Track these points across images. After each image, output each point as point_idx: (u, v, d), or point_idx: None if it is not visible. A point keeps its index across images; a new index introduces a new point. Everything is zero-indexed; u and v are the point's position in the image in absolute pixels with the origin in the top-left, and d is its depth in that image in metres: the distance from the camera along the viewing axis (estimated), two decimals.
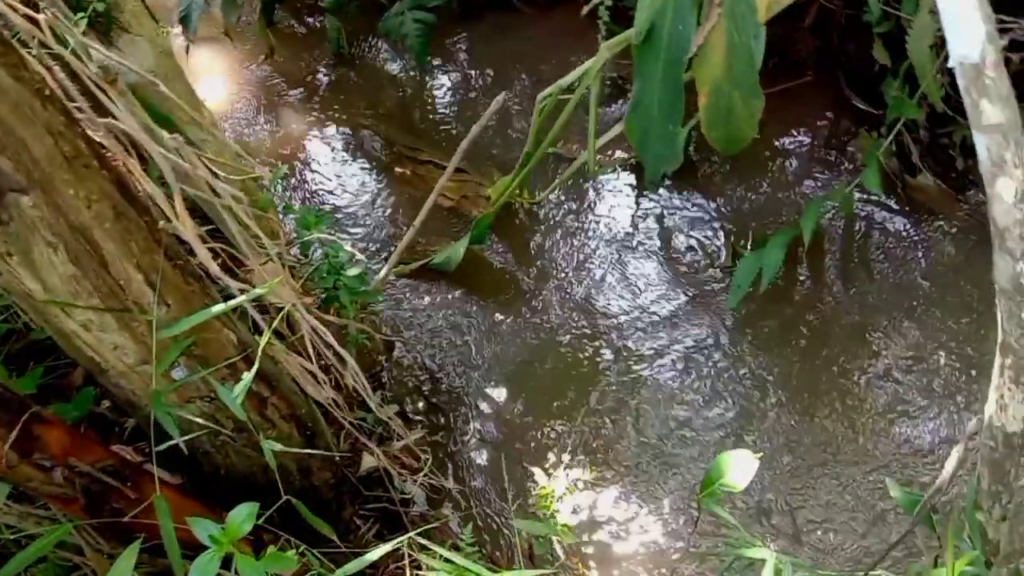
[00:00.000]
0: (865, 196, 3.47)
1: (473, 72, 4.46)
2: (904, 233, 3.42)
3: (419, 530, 1.93)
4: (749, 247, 3.44)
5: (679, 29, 2.97)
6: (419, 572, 1.76)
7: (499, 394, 3.21)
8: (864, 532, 2.67)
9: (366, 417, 2.45)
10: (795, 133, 3.81)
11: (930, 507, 1.79)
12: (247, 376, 1.63)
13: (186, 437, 1.75)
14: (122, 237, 1.64)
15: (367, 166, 4.12)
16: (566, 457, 2.94)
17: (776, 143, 3.81)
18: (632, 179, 3.85)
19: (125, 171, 1.72)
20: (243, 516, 1.53)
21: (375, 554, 1.58)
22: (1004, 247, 1.43)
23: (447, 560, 1.61)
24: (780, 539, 2.68)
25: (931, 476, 2.74)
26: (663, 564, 2.63)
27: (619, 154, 3.93)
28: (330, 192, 3.99)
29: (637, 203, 3.76)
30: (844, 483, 2.82)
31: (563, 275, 3.57)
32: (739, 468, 1.95)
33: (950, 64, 1.36)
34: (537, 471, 2.88)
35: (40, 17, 1.67)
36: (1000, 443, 1.59)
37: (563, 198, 3.83)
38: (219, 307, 1.67)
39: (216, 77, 4.53)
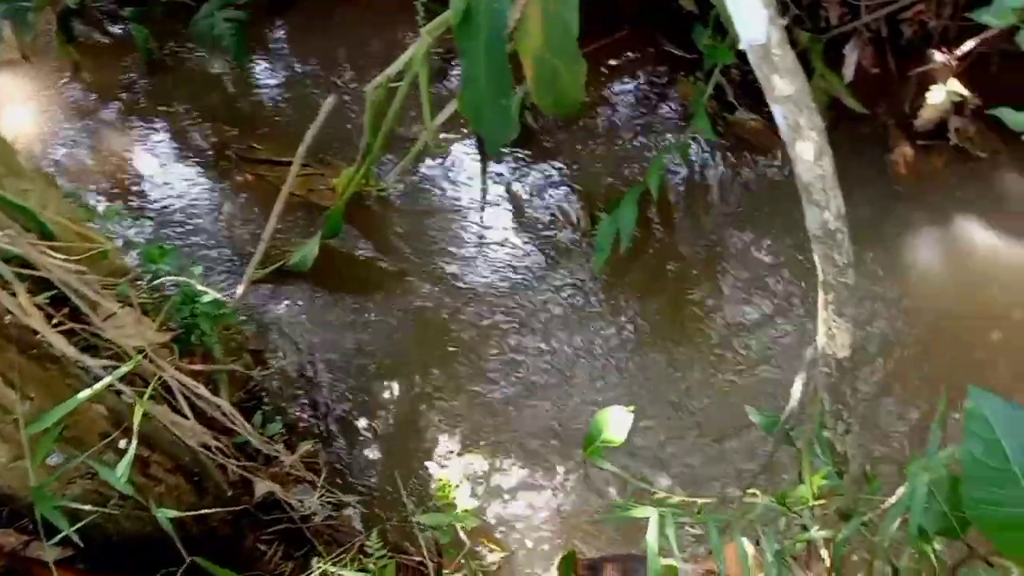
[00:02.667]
0: (696, 141, 3.66)
1: (297, 63, 4.37)
2: (733, 171, 3.64)
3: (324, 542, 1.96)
4: (604, 209, 3.56)
5: (495, 6, 3.03)
6: None
7: (380, 388, 3.24)
8: (733, 459, 2.91)
9: (248, 441, 2.44)
10: (621, 87, 3.97)
11: (787, 431, 1.98)
12: (129, 452, 1.60)
13: (76, 526, 1.70)
14: None
15: (202, 173, 3.98)
16: (456, 442, 3.02)
17: (606, 99, 3.95)
18: (479, 152, 3.90)
19: None
20: None
21: None
22: (811, 200, 1.59)
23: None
24: (662, 477, 2.88)
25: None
26: (563, 525, 2.77)
27: (461, 131, 3.97)
28: (165, 207, 3.82)
29: (485, 176, 3.82)
30: (714, 419, 3.03)
31: (424, 257, 3.60)
32: (616, 423, 2.09)
33: (741, 47, 1.49)
34: (431, 461, 2.95)
35: None
36: (834, 369, 1.79)
37: (413, 180, 3.85)
38: (84, 394, 1.62)
39: (21, 105, 4.23)
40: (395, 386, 3.26)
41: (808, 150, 1.52)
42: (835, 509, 1.88)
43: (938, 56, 3.42)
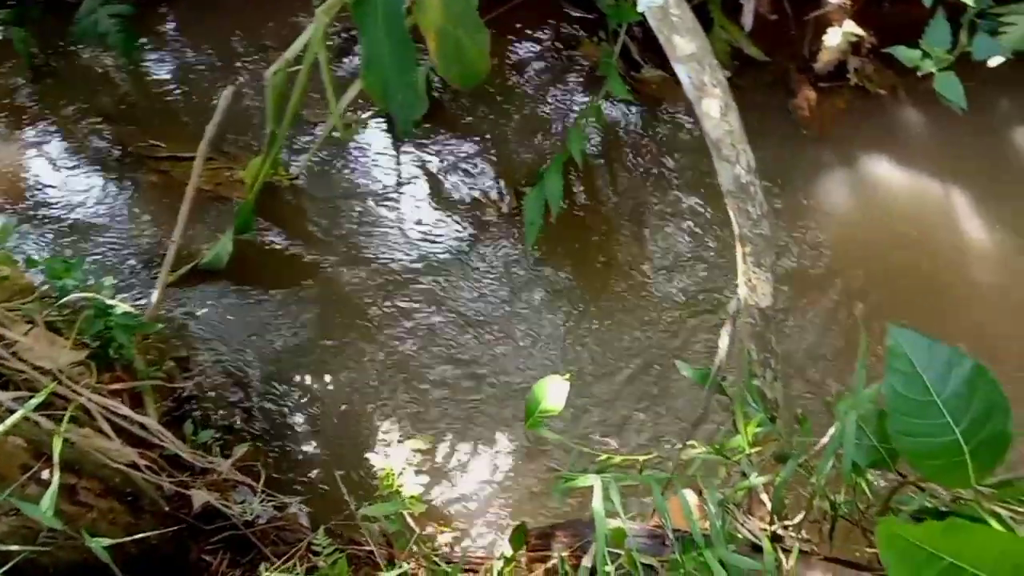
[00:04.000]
0: (611, 100, 3.66)
1: (190, 52, 4.20)
2: (648, 127, 3.67)
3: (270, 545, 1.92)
4: (527, 183, 3.53)
5: None
6: None
7: (312, 381, 3.18)
8: (671, 415, 2.96)
9: (179, 453, 2.37)
10: (526, 54, 3.94)
11: (719, 382, 2.02)
12: (53, 484, 1.52)
13: (6, 567, 1.62)
14: None
15: (103, 177, 3.81)
16: (395, 429, 2.99)
17: (511, 67, 3.92)
18: (389, 131, 3.83)
19: None
20: None
21: None
22: (721, 156, 1.62)
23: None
24: (604, 439, 2.92)
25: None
26: (511, 498, 2.79)
27: (370, 110, 3.89)
28: (67, 217, 3.65)
29: (399, 155, 3.76)
30: (652, 377, 3.07)
31: (343, 243, 3.53)
32: (554, 392, 2.10)
33: (639, 10, 1.48)
34: (372, 451, 2.91)
35: None
36: (758, 318, 1.83)
37: (324, 166, 3.76)
38: None
39: None
40: (327, 378, 3.20)
41: (714, 107, 1.54)
42: (771, 454, 1.94)
43: None
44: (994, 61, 2.98)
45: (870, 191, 3.41)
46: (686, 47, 1.46)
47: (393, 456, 2.77)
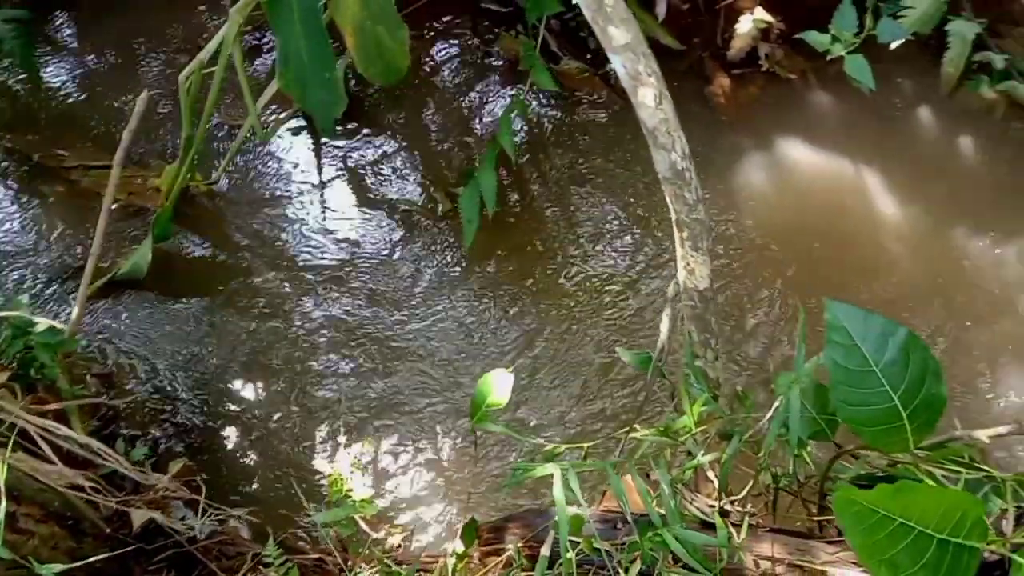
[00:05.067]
0: (532, 93, 3.67)
1: (92, 58, 4.04)
2: (573, 119, 3.70)
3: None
4: (456, 182, 3.50)
5: None
6: None
7: (243, 391, 3.10)
8: (614, 402, 3.01)
9: (115, 472, 2.28)
10: (445, 49, 3.92)
11: (660, 367, 2.06)
12: None
13: None
14: None
15: (6, 189, 3.63)
16: (339, 432, 2.94)
17: (431, 63, 3.90)
18: (309, 131, 3.76)
19: None
20: None
21: None
22: (658, 144, 1.65)
23: None
24: (548, 430, 2.94)
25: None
26: (461, 494, 2.78)
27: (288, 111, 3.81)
28: None
29: (320, 156, 3.69)
30: (590, 365, 3.11)
31: (267, 248, 3.45)
32: (499, 386, 2.10)
33: (575, 0, 1.50)
34: (314, 457, 2.87)
35: None
36: (697, 300, 1.87)
37: (243, 170, 3.66)
38: None
39: None
40: (259, 386, 3.13)
41: (649, 96, 1.57)
42: (715, 432, 1.99)
43: None
44: (895, 43, 3.12)
45: (786, 172, 3.53)
46: (621, 37, 1.48)
47: (338, 461, 2.73)
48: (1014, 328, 3.10)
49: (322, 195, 3.62)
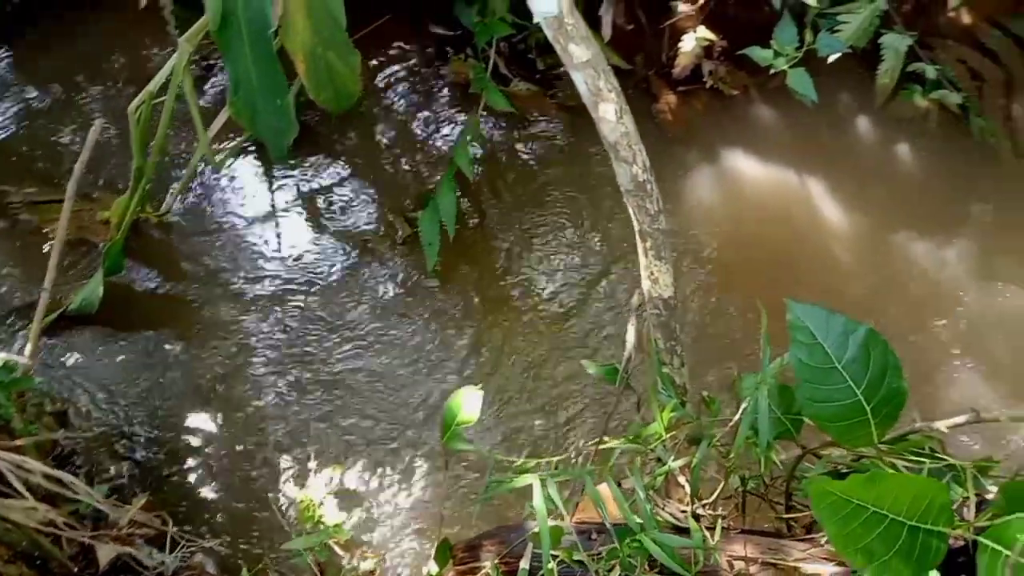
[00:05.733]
0: (483, 116, 3.71)
1: (35, 93, 3.96)
2: (522, 138, 3.75)
3: None
4: (414, 207, 3.51)
5: (253, 5, 2.91)
6: None
7: (202, 423, 3.05)
8: (583, 418, 3.04)
9: (77, 510, 2.23)
10: (395, 74, 3.94)
11: (626, 378, 2.10)
12: None
13: None
14: None
15: None
16: (305, 460, 2.91)
17: (382, 89, 3.91)
18: (261, 159, 3.73)
19: None
20: None
21: None
22: (620, 157, 1.69)
23: None
24: (514, 446, 2.96)
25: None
26: (432, 515, 2.77)
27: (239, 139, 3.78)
28: None
29: (273, 184, 3.67)
30: (554, 379, 3.14)
31: (220, 278, 3.41)
32: (468, 403, 2.11)
33: (535, 21, 1.54)
34: (283, 486, 2.83)
35: None
36: (662, 308, 1.91)
37: (195, 199, 3.62)
38: None
39: None
40: (218, 417, 3.09)
41: (610, 111, 1.61)
42: (684, 437, 2.02)
43: (682, 7, 3.70)
44: (833, 56, 3.24)
45: (733, 183, 3.62)
46: (582, 54, 1.52)
47: (307, 488, 2.70)
48: (960, 323, 3.23)
49: (276, 223, 3.59)
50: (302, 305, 3.34)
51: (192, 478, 2.91)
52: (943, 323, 3.23)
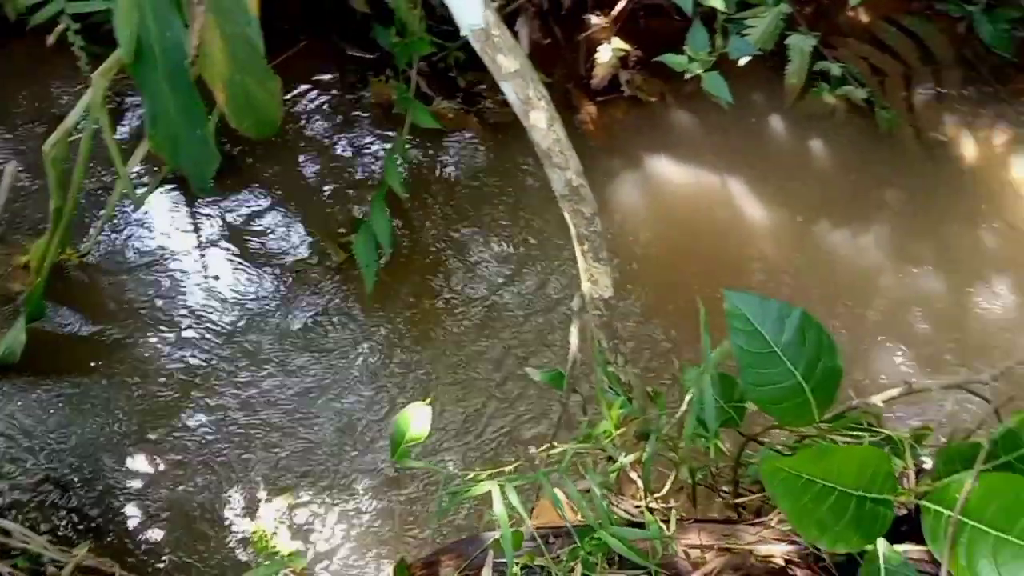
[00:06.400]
0: (408, 136, 3.72)
1: None
2: (449, 156, 3.77)
3: None
4: (345, 231, 3.49)
5: (168, 36, 2.87)
6: None
7: (140, 466, 2.95)
8: (530, 424, 3.07)
9: (15, 563, 2.14)
10: (315, 99, 3.92)
11: (572, 380, 2.13)
12: None
13: None
14: None
15: None
16: (253, 492, 2.86)
17: (302, 114, 3.89)
18: (183, 192, 3.66)
19: None
20: None
21: None
22: (552, 163, 1.73)
23: None
24: (462, 458, 2.97)
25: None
26: (387, 536, 2.75)
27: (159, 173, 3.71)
28: None
29: (197, 216, 3.60)
30: (500, 390, 3.16)
31: (147, 315, 3.32)
32: (417, 420, 2.11)
33: (463, 34, 1.56)
34: (233, 520, 2.77)
35: None
36: (603, 309, 1.95)
37: (117, 237, 3.53)
38: None
39: None
40: (156, 460, 3.00)
41: (541, 119, 1.65)
42: (633, 433, 2.07)
43: (595, 19, 3.80)
44: (744, 59, 3.36)
45: (657, 187, 3.72)
46: (510, 65, 1.55)
47: (259, 519, 2.65)
48: (881, 306, 3.38)
49: (203, 256, 3.52)
50: (238, 338, 3.28)
51: (135, 522, 2.82)
52: (864, 306, 3.37)
